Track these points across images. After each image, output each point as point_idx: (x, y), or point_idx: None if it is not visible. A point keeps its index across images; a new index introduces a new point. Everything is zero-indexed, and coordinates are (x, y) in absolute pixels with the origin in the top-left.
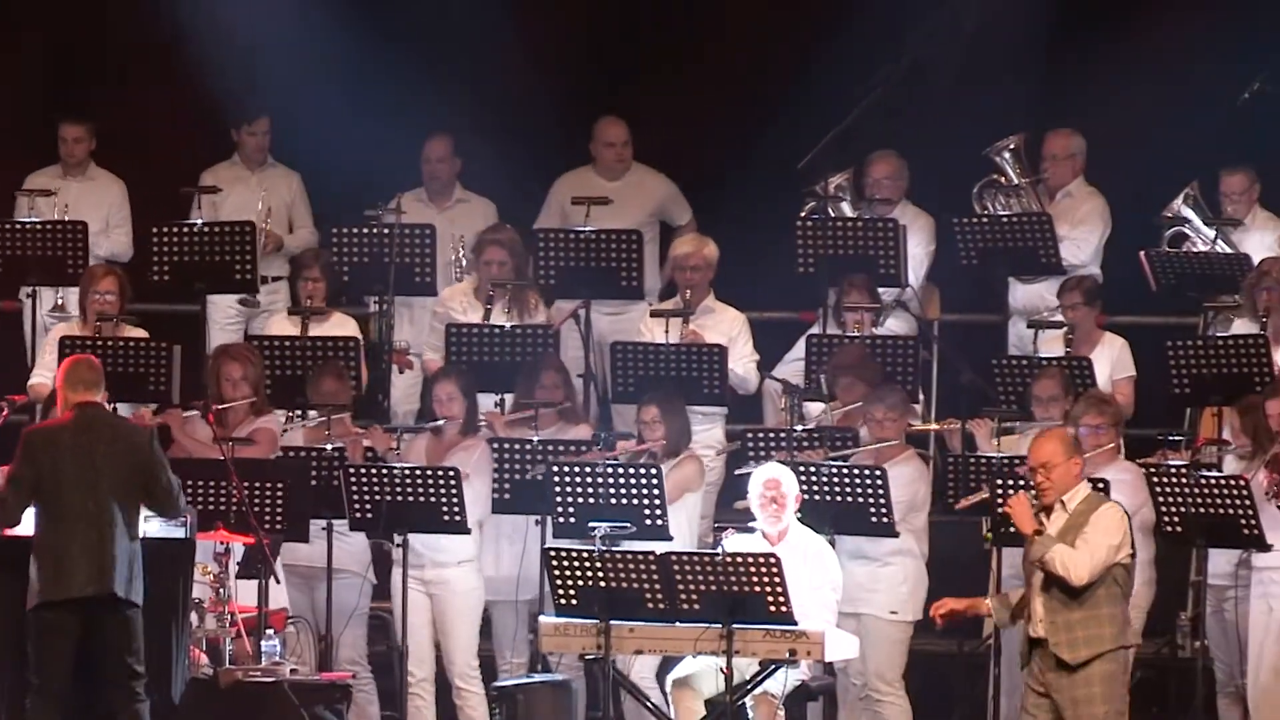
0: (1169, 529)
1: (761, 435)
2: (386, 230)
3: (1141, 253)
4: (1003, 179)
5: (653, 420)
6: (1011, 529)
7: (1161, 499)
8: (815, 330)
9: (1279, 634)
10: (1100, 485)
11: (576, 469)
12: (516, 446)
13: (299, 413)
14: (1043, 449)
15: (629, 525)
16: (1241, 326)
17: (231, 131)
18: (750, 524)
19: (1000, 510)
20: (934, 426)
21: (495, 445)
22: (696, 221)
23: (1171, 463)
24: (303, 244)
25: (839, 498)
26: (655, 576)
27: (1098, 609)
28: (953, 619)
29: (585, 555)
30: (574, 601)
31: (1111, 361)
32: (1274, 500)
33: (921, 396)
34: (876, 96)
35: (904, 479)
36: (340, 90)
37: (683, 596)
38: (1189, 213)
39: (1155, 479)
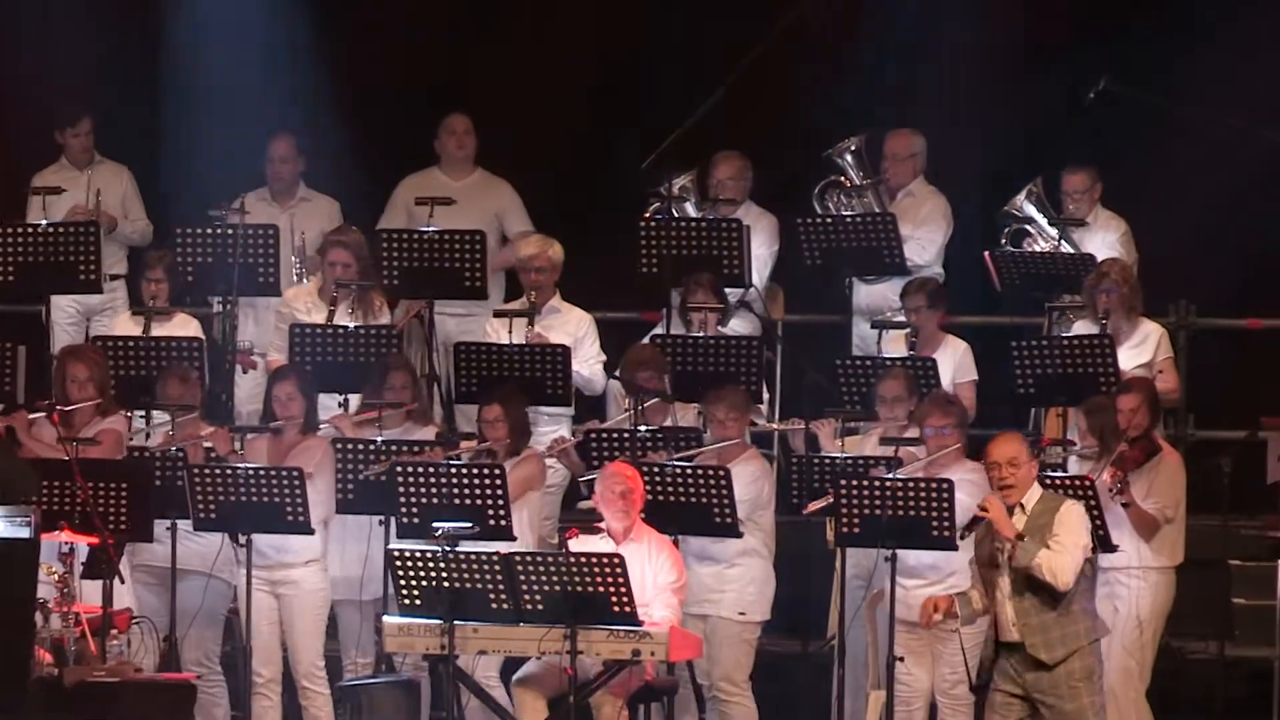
0: None
1: (605, 436)
2: (230, 230)
3: (986, 253)
4: (845, 180)
5: (494, 419)
6: (856, 529)
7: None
8: (659, 330)
9: (1124, 634)
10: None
11: (418, 469)
12: (360, 446)
13: (142, 414)
14: (1008, 446)
15: (472, 525)
16: (1083, 327)
17: (56, 135)
18: (596, 524)
19: (977, 514)
20: (778, 426)
21: (338, 445)
22: (541, 223)
23: None
24: (139, 234)
25: (683, 498)
26: (499, 577)
27: (1070, 606)
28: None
29: (429, 555)
30: (418, 602)
31: (954, 364)
32: (1118, 498)
33: (766, 396)
34: (720, 97)
35: (747, 478)
36: (183, 88)
37: (526, 597)
38: (1032, 210)
39: None
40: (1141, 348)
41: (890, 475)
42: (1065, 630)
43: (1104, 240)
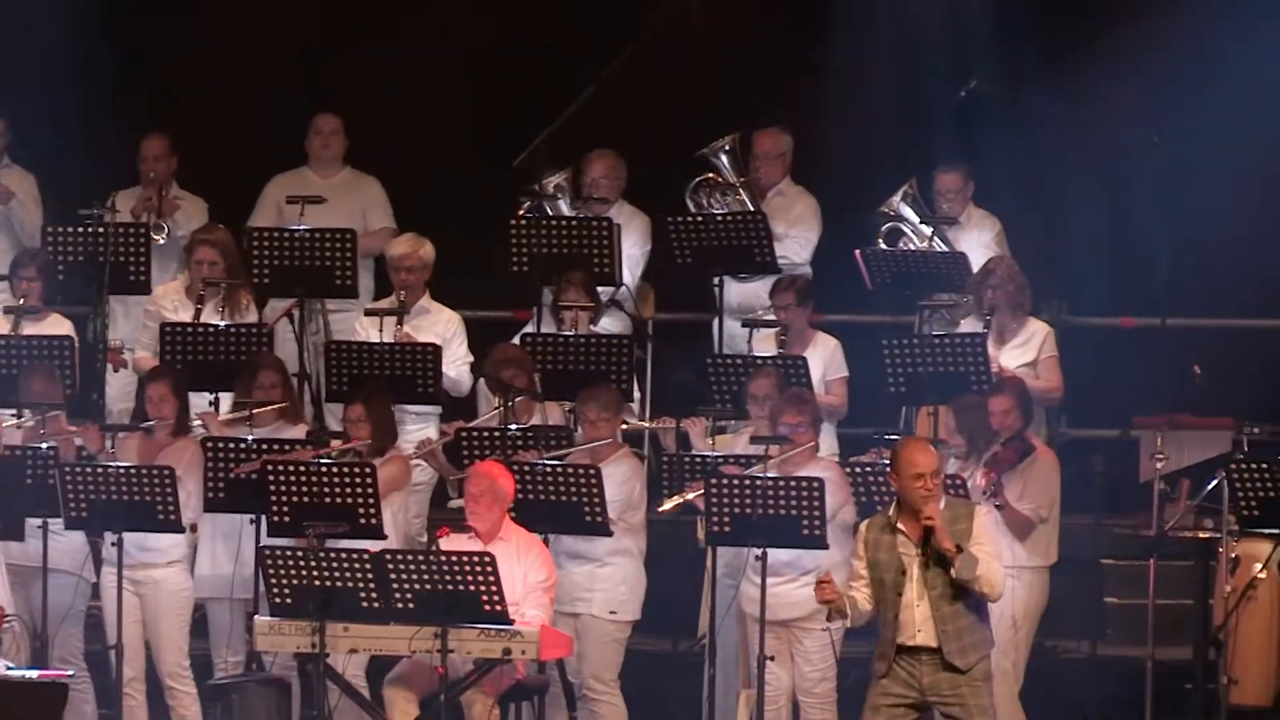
0: None
1: (477, 434)
2: (101, 229)
3: (857, 251)
4: (718, 178)
5: (358, 419)
6: (727, 528)
7: (879, 498)
8: (530, 329)
9: (998, 633)
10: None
11: (289, 467)
12: (231, 445)
13: (13, 412)
14: (928, 456)
15: (342, 524)
16: (969, 325)
17: None
18: (467, 523)
19: (925, 525)
20: (648, 425)
21: (209, 444)
22: (413, 222)
23: (885, 461)
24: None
25: (554, 497)
26: (369, 575)
27: (979, 612)
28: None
29: (299, 554)
30: (289, 600)
31: (824, 361)
32: (991, 500)
33: (636, 395)
34: (593, 94)
35: (619, 478)
36: (67, 90)
37: (397, 595)
38: (907, 211)
39: (870, 479)
40: (1026, 346)
41: (748, 473)
42: (977, 636)
43: (977, 239)
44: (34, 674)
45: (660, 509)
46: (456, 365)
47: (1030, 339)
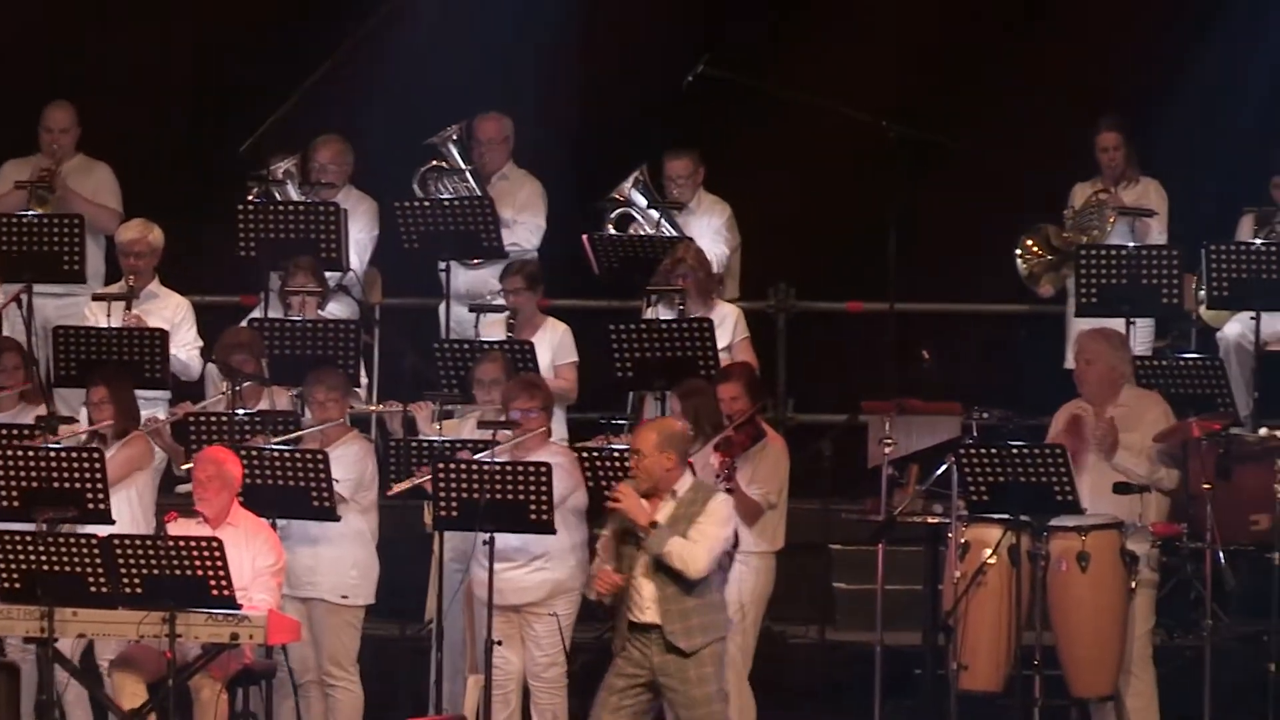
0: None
1: (204, 419)
2: None
3: (585, 236)
4: (445, 164)
5: (100, 401)
6: (454, 513)
7: (606, 483)
8: (258, 314)
9: (737, 612)
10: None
11: (18, 452)
12: None
13: None
14: (636, 436)
15: (71, 508)
16: (662, 311)
17: None
18: (195, 507)
19: (607, 502)
20: (375, 409)
21: None
22: (142, 207)
23: (615, 446)
24: None
25: (282, 481)
26: (97, 560)
27: (710, 595)
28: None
29: (27, 538)
30: (17, 585)
31: (553, 347)
32: (725, 484)
33: (364, 379)
34: (319, 79)
35: (350, 458)
36: None
37: (125, 580)
38: (637, 196)
39: (599, 464)
40: (720, 330)
41: (476, 458)
42: (705, 619)
43: (708, 224)
44: None
45: (389, 492)
46: (186, 350)
47: (723, 322)
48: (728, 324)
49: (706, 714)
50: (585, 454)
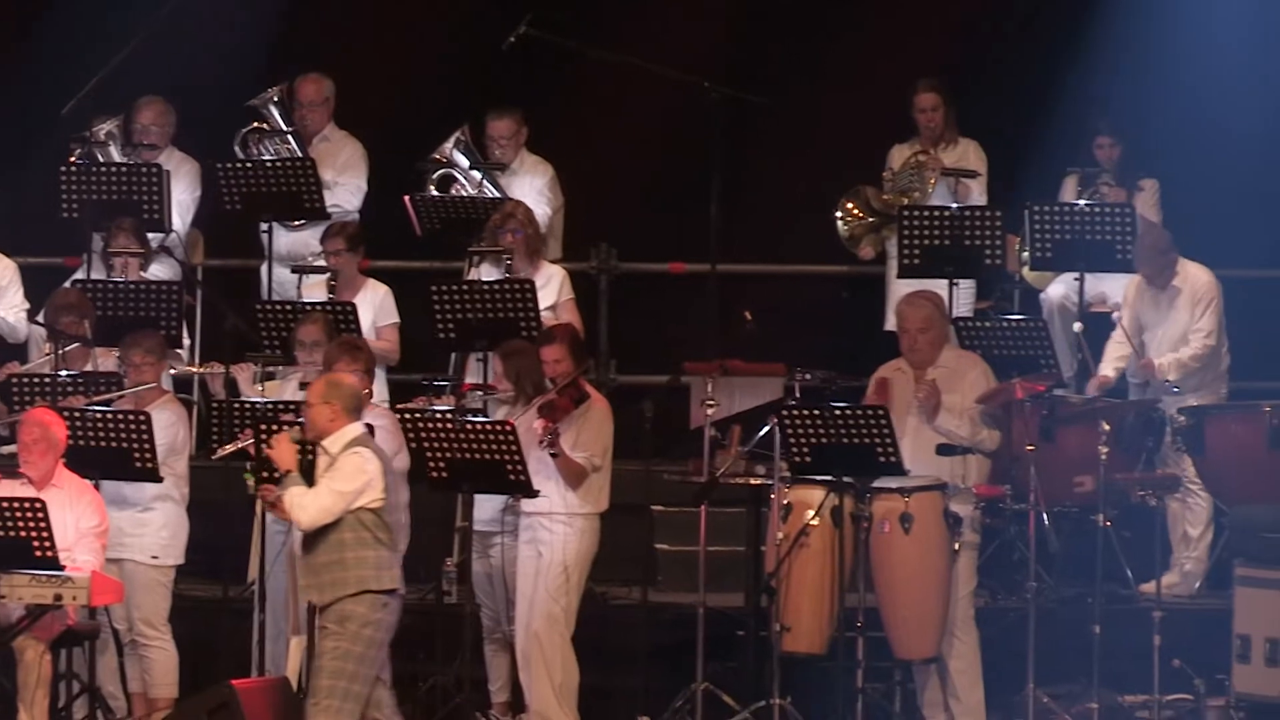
0: (434, 474)
1: (27, 380)
2: None
3: (405, 197)
4: (266, 126)
5: None
6: (276, 474)
7: (428, 445)
8: (80, 275)
9: (549, 580)
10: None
11: None
12: None
13: None
14: (310, 387)
15: None
16: (487, 270)
17: None
18: (18, 468)
19: (266, 450)
20: (196, 370)
21: None
22: None
23: (437, 408)
24: None
25: (103, 443)
26: None
27: (342, 553)
28: None
29: None
30: None
31: (375, 308)
32: (547, 449)
33: (186, 340)
34: (141, 40)
35: (163, 422)
36: None
37: None
38: (459, 157)
39: (421, 425)
40: (545, 290)
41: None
42: (335, 576)
43: (530, 185)
44: None
45: (213, 456)
46: (15, 312)
47: (549, 282)
48: (553, 284)
49: (326, 665)
50: (407, 416)
